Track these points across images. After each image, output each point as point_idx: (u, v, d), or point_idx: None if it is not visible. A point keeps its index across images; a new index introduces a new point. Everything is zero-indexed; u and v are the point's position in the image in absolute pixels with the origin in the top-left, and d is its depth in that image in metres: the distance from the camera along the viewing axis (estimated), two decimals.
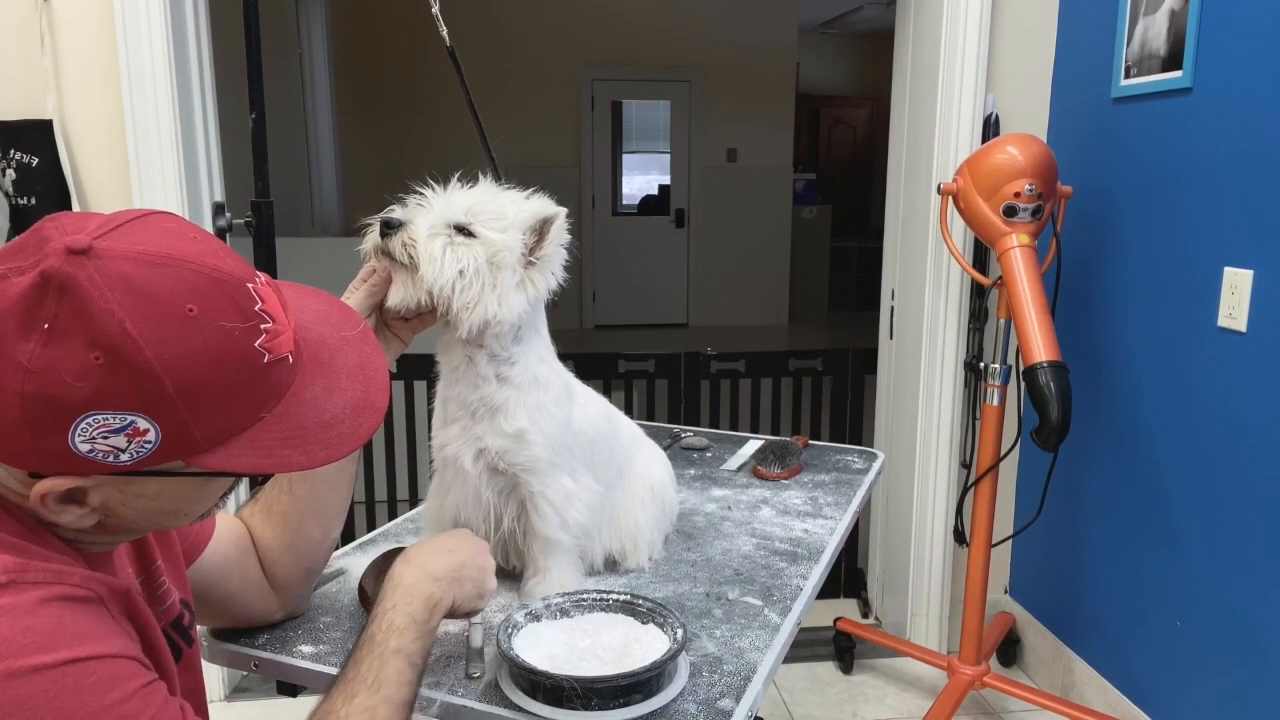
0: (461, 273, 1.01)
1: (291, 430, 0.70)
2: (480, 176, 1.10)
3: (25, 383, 0.60)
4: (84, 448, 0.63)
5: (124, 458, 0.64)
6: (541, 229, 1.06)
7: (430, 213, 1.04)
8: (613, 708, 0.90)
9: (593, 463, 1.18)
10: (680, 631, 0.97)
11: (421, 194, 1.06)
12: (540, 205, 1.07)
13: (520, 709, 0.90)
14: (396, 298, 1.03)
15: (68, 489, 0.65)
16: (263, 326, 0.68)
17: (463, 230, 1.03)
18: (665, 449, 1.76)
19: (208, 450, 0.67)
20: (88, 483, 0.66)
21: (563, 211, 1.07)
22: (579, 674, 0.90)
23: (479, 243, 1.03)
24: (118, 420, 0.62)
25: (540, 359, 1.13)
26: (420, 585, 0.88)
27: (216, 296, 0.65)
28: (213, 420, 0.66)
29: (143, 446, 0.64)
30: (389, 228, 1.02)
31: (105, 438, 0.63)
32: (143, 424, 0.63)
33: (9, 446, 0.63)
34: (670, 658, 0.93)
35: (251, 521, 1.06)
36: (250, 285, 0.68)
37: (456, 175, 1.07)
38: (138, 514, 0.70)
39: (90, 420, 0.62)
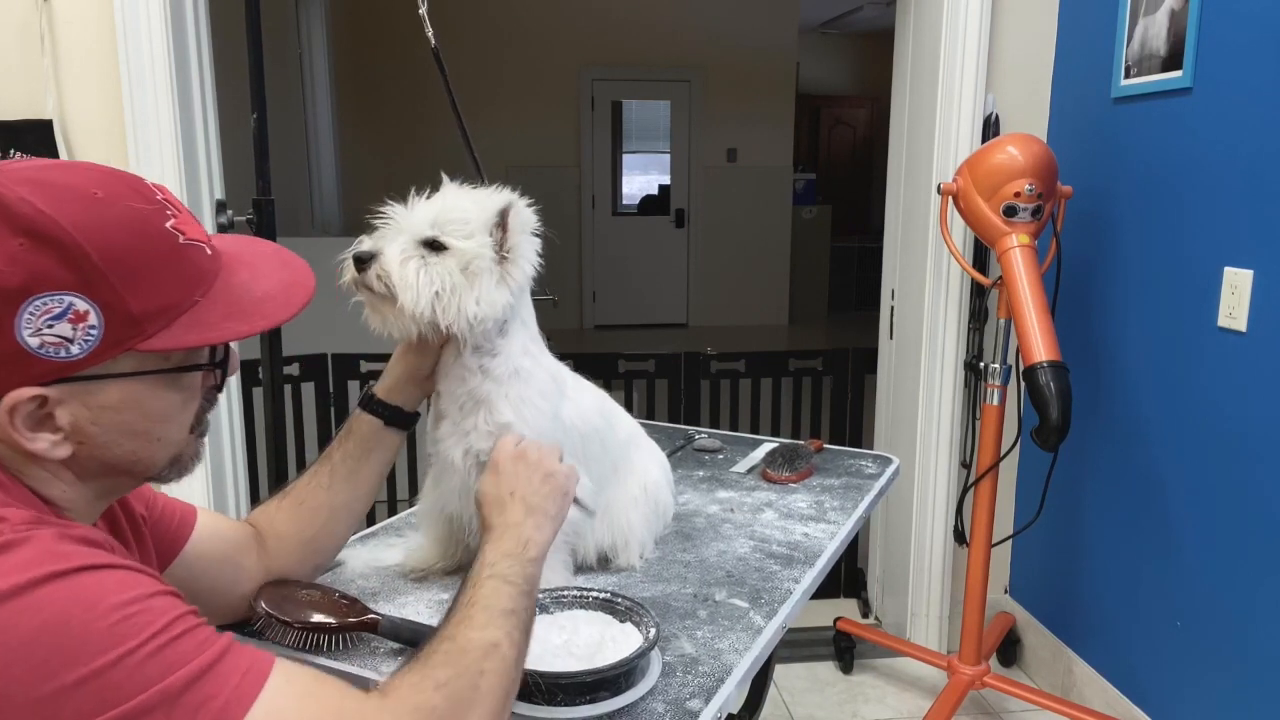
0: (438, 293, 1.02)
1: (229, 308, 0.73)
2: (446, 180, 1.10)
3: None
4: (33, 342, 0.65)
5: (75, 350, 0.66)
6: (503, 221, 1.05)
7: (398, 234, 1.04)
8: (578, 704, 0.90)
9: (585, 458, 1.18)
10: (652, 630, 0.97)
11: (385, 213, 1.06)
12: (497, 198, 1.06)
13: None
14: (378, 326, 1.05)
15: (33, 398, 0.66)
16: (168, 212, 0.72)
17: (433, 245, 1.03)
18: (678, 450, 1.77)
19: (154, 334, 0.69)
20: (50, 393, 0.67)
21: (516, 198, 1.06)
22: (546, 669, 0.90)
23: (450, 255, 1.03)
24: (57, 303, 0.65)
25: (524, 351, 1.13)
26: (520, 560, 0.91)
27: (118, 184, 0.70)
28: (147, 295, 0.68)
29: (89, 334, 0.66)
30: (361, 261, 1.03)
31: (50, 325, 0.65)
32: (81, 305, 0.66)
33: None
34: (638, 656, 0.93)
35: (277, 515, 1.07)
36: (147, 182, 0.73)
37: (413, 190, 1.07)
38: (108, 435, 0.71)
39: (32, 308, 0.64)
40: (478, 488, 1.01)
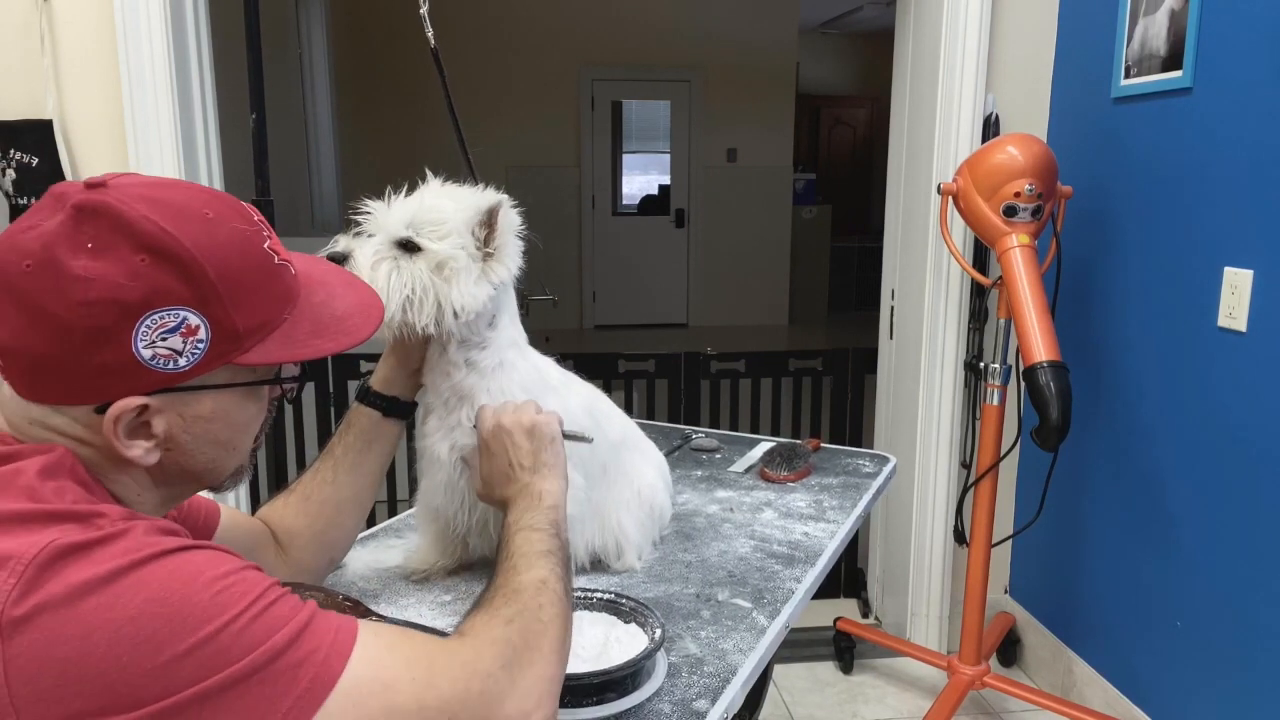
0: (409, 298, 1.02)
1: (314, 326, 0.78)
2: (430, 176, 1.09)
3: (86, 291, 0.66)
4: (146, 354, 0.68)
5: (182, 362, 0.70)
6: (489, 220, 1.05)
7: (374, 235, 1.04)
8: (585, 705, 0.90)
9: (571, 457, 1.17)
10: (658, 631, 0.97)
11: (366, 210, 1.06)
12: (483, 197, 1.06)
13: None
14: None
15: (137, 407, 0.69)
16: (264, 233, 0.76)
17: (408, 245, 1.03)
18: (676, 449, 1.76)
19: (250, 349, 0.73)
20: (152, 402, 0.70)
21: (504, 199, 1.06)
22: None
23: (424, 257, 1.03)
24: (172, 317, 0.68)
25: (512, 342, 1.14)
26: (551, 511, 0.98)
27: (223, 206, 0.74)
28: (249, 312, 0.72)
29: (197, 347, 0.70)
30: (335, 263, 1.02)
31: (164, 338, 0.68)
32: (194, 319, 0.69)
33: (79, 372, 0.67)
34: (645, 657, 0.93)
35: (285, 511, 1.08)
36: (243, 204, 0.77)
37: (388, 189, 1.07)
38: (196, 443, 0.75)
39: (149, 321, 0.67)
40: (483, 474, 1.04)
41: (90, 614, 0.59)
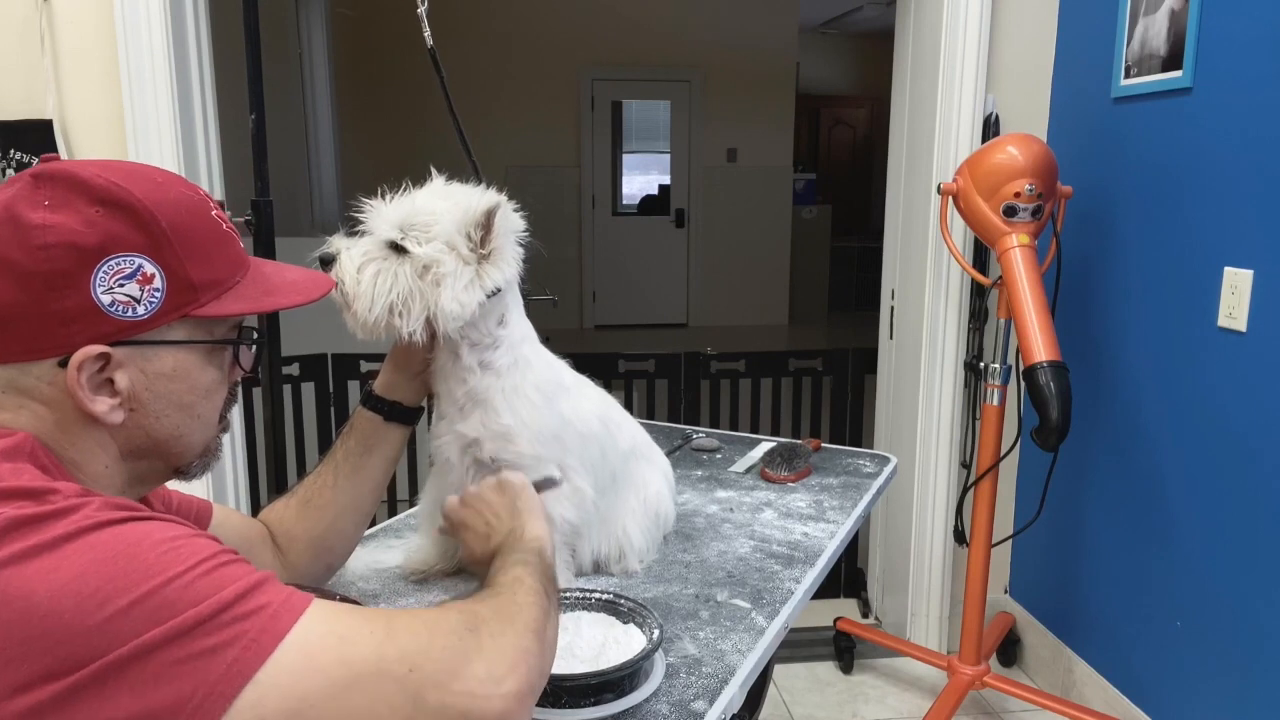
0: (393, 303, 1.01)
1: (266, 287, 0.82)
2: (434, 174, 1.08)
3: (44, 236, 0.69)
4: (105, 299, 0.71)
5: (140, 310, 0.72)
6: (486, 222, 1.03)
7: (366, 236, 1.03)
8: (583, 706, 0.90)
9: (583, 460, 1.17)
10: (657, 632, 0.97)
11: (364, 208, 1.05)
12: (479, 199, 1.03)
13: None
14: (349, 326, 1.05)
15: (99, 355, 0.71)
16: (212, 203, 0.80)
17: (397, 247, 1.01)
18: (676, 449, 1.76)
19: (207, 303, 0.76)
20: (114, 353, 0.72)
21: (502, 200, 1.03)
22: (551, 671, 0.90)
23: (409, 260, 1.01)
24: (128, 263, 0.71)
25: (524, 338, 1.13)
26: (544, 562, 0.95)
27: (171, 176, 0.79)
28: (203, 266, 0.76)
29: (154, 296, 0.73)
30: (325, 263, 1.03)
31: (121, 285, 0.71)
32: (149, 268, 0.72)
33: (41, 322, 0.69)
34: (643, 658, 0.93)
35: (285, 514, 1.08)
36: (189, 181, 0.81)
37: (380, 187, 1.06)
38: (158, 403, 0.76)
39: (107, 267, 0.70)
40: (467, 548, 1.03)
41: (34, 575, 0.60)
